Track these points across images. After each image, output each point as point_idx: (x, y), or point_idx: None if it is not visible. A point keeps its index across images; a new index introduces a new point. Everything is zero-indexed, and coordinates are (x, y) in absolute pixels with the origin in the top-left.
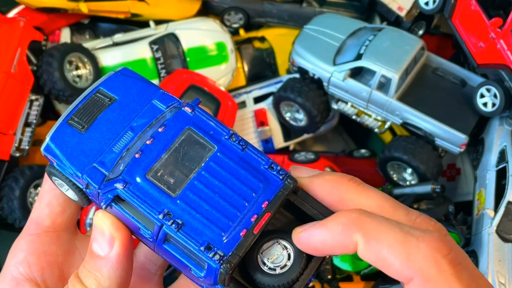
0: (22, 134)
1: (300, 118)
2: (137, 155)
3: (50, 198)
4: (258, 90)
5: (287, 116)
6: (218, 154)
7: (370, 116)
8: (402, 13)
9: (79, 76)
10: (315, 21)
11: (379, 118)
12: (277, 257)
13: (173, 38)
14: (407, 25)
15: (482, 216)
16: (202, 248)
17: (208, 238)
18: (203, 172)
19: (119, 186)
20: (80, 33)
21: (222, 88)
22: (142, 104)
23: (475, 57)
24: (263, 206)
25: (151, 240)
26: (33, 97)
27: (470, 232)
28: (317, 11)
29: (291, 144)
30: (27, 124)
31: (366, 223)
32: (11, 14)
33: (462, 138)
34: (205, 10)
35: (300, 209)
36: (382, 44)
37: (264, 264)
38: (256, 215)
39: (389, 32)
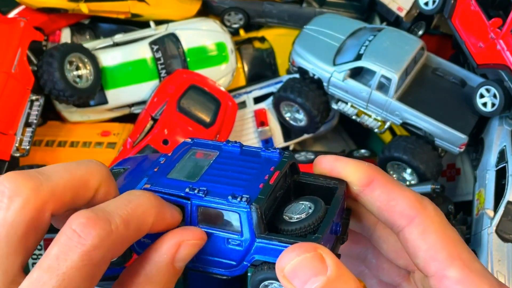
0: (23, 134)
1: (300, 118)
2: (155, 169)
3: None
4: (258, 90)
5: (287, 116)
6: (222, 154)
7: (370, 116)
8: (402, 13)
9: (79, 76)
10: (315, 22)
11: (379, 118)
12: (299, 210)
13: (173, 38)
14: (406, 25)
15: (482, 216)
16: (229, 197)
17: (232, 191)
18: (214, 165)
19: (146, 185)
20: (81, 33)
21: (222, 88)
22: (150, 162)
23: (475, 57)
24: (271, 169)
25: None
26: (34, 97)
27: (469, 232)
28: (317, 11)
29: (291, 144)
30: (27, 124)
31: (386, 175)
32: (12, 14)
33: (462, 138)
34: (205, 11)
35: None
36: (382, 44)
37: (290, 218)
38: (267, 175)
39: (389, 32)
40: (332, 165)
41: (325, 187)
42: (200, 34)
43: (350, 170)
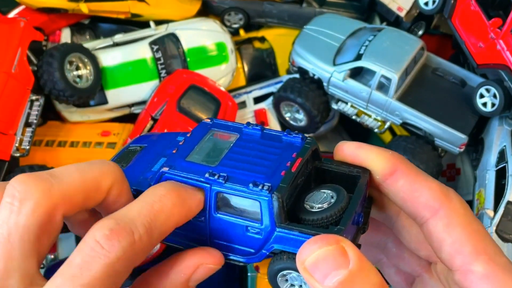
0: (23, 134)
1: (300, 118)
2: (173, 151)
3: None
4: (258, 90)
5: (287, 116)
6: (242, 137)
7: (370, 116)
8: (402, 13)
9: (79, 76)
10: (315, 22)
11: (379, 118)
12: (321, 199)
13: (173, 38)
14: (406, 25)
15: (482, 216)
16: (250, 185)
17: (253, 178)
18: (234, 148)
19: (165, 168)
20: (81, 33)
21: (222, 88)
22: (168, 141)
23: (475, 57)
24: (293, 156)
25: (203, 214)
26: (34, 97)
27: None
28: (317, 11)
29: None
30: (27, 124)
31: (410, 164)
32: (12, 14)
33: (462, 138)
34: (205, 11)
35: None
36: (382, 45)
37: (311, 207)
38: (289, 162)
39: (388, 32)
40: (355, 152)
41: (348, 175)
42: (200, 34)
43: (373, 158)
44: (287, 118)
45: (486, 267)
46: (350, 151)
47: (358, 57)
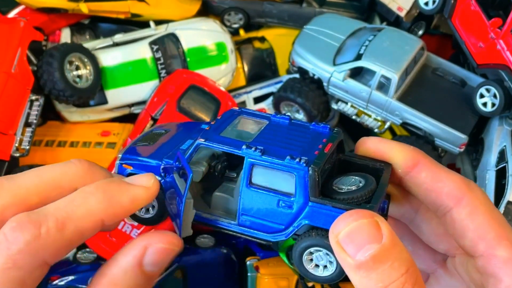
0: (23, 134)
1: (300, 118)
2: (207, 128)
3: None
4: (258, 90)
5: None
6: (271, 122)
7: (370, 116)
8: (402, 13)
9: (79, 76)
10: (315, 21)
11: (379, 118)
12: (350, 182)
13: (173, 38)
14: (406, 25)
15: None
16: (288, 157)
17: (289, 153)
18: (266, 130)
19: (201, 140)
20: (80, 33)
21: (222, 88)
22: (193, 127)
23: (475, 57)
24: (323, 141)
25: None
26: (34, 97)
27: None
28: (317, 11)
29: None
30: (27, 124)
31: (430, 158)
32: (11, 14)
33: (462, 138)
34: (205, 10)
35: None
36: (382, 44)
37: (340, 189)
38: (321, 145)
39: (388, 32)
40: (377, 146)
41: (371, 167)
42: (200, 34)
43: (395, 152)
44: None
45: (509, 252)
46: (374, 145)
47: (358, 57)
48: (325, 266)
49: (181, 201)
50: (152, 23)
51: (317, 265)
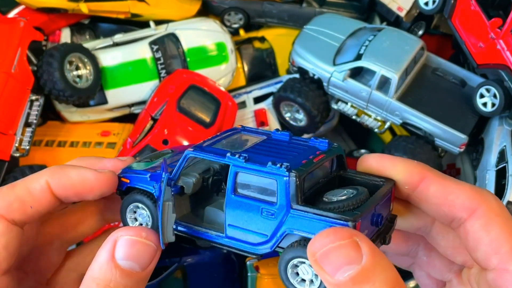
0: (23, 134)
1: (300, 118)
2: (202, 141)
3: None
4: (258, 90)
5: (287, 116)
6: (270, 138)
7: (370, 116)
8: (402, 13)
9: (79, 76)
10: (315, 21)
11: (379, 118)
12: (340, 194)
13: (173, 38)
14: (406, 25)
15: None
16: (269, 163)
17: (272, 159)
18: (261, 143)
19: (190, 149)
20: (80, 33)
21: (222, 88)
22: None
23: (475, 57)
24: (317, 153)
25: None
26: (33, 97)
27: None
28: (317, 11)
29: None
30: (27, 124)
31: (436, 171)
32: (11, 14)
33: (462, 138)
34: (205, 10)
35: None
36: (382, 44)
37: (329, 200)
38: (312, 156)
39: (388, 32)
40: (379, 163)
41: (371, 183)
42: (200, 34)
43: (399, 168)
44: (287, 118)
45: None
46: (375, 162)
47: (358, 57)
48: (311, 281)
49: (159, 206)
50: (152, 23)
51: (303, 280)
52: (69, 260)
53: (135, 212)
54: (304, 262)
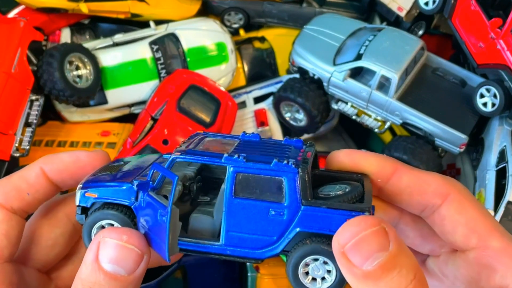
0: (23, 134)
1: (300, 118)
2: (177, 147)
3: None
4: (258, 90)
5: (287, 116)
6: (243, 141)
7: (370, 116)
8: (402, 13)
9: (79, 76)
10: (315, 21)
11: (379, 118)
12: (336, 188)
13: (173, 38)
14: (407, 25)
15: None
16: (275, 160)
17: (274, 157)
18: (240, 145)
19: (176, 154)
20: (81, 33)
21: (222, 88)
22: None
23: (475, 57)
24: (301, 151)
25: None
26: (33, 97)
27: None
28: (317, 11)
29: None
30: (27, 124)
31: (405, 164)
32: (12, 14)
33: (462, 138)
34: (205, 10)
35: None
36: (382, 44)
37: (328, 194)
38: (301, 154)
39: (389, 32)
40: (351, 158)
41: (349, 179)
42: (200, 34)
43: (371, 162)
44: (287, 118)
45: (502, 242)
46: (347, 158)
47: (358, 57)
48: (323, 278)
49: (165, 213)
50: (152, 23)
51: (314, 279)
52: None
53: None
54: (317, 259)
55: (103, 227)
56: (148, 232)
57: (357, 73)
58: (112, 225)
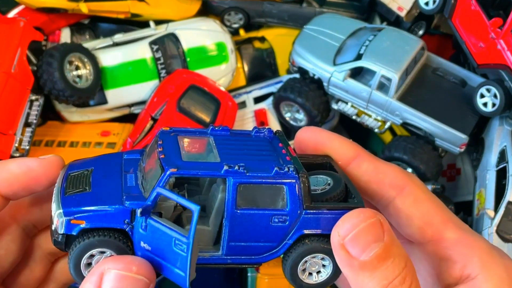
0: (22, 134)
1: (300, 118)
2: (162, 156)
3: None
4: (258, 90)
5: (287, 116)
6: (215, 136)
7: (370, 116)
8: (402, 13)
9: (79, 76)
10: (315, 21)
11: (379, 118)
12: (318, 182)
13: (173, 38)
14: (407, 25)
15: (482, 216)
16: (276, 168)
17: (272, 165)
18: (219, 146)
19: (173, 170)
20: (80, 33)
21: (222, 88)
22: (116, 160)
23: (475, 57)
24: (280, 145)
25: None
26: (33, 97)
27: None
28: (317, 11)
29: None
30: (27, 124)
31: (369, 152)
32: (11, 14)
33: (462, 138)
34: (205, 10)
35: None
36: (382, 44)
37: (314, 190)
38: (284, 150)
39: (389, 32)
40: (316, 136)
41: (315, 164)
42: (200, 34)
43: (335, 144)
44: (287, 118)
45: (457, 233)
46: (314, 135)
47: (358, 57)
48: (318, 272)
49: (185, 243)
50: (152, 23)
51: (310, 273)
52: (54, 271)
53: (90, 264)
54: (315, 257)
55: (92, 255)
56: (153, 257)
57: (357, 73)
58: (103, 252)
